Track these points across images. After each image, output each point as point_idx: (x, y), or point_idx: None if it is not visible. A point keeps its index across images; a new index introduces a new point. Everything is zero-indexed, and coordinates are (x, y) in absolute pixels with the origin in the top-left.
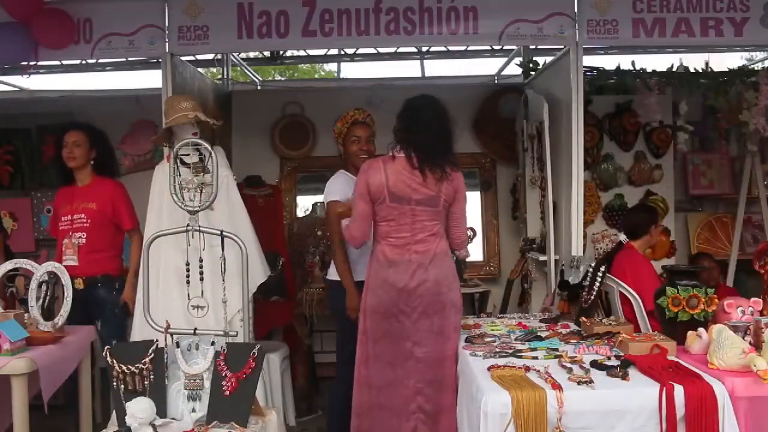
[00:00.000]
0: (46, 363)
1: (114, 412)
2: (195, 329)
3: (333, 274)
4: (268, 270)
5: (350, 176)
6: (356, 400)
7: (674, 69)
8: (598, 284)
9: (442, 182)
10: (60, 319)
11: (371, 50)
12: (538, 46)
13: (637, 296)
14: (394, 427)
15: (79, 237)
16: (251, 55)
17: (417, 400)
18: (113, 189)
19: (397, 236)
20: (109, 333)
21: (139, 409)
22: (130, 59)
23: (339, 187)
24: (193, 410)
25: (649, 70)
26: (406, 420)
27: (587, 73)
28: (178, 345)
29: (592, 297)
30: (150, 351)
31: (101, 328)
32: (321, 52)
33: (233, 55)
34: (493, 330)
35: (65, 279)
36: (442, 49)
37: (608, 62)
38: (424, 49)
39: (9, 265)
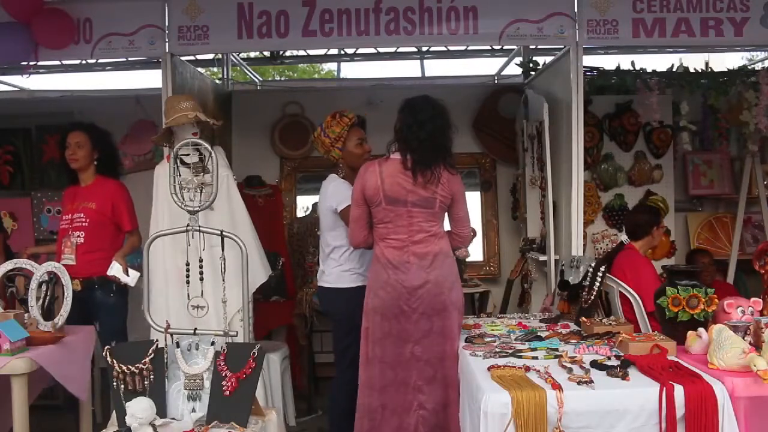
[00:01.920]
0: (53, 362)
1: (114, 412)
2: (195, 329)
3: (329, 281)
4: (269, 270)
5: (344, 180)
6: (360, 401)
7: (674, 69)
8: (598, 284)
9: (435, 185)
10: (60, 319)
11: (371, 50)
12: (538, 46)
13: (637, 296)
14: (397, 425)
15: (77, 236)
16: (251, 55)
17: (419, 397)
18: (114, 189)
19: (396, 238)
20: (107, 335)
21: (139, 409)
22: (130, 59)
23: (348, 192)
24: (193, 410)
25: (649, 70)
26: (408, 417)
27: (587, 73)
28: (178, 345)
29: (592, 297)
30: (150, 351)
31: (99, 329)
32: (321, 51)
33: (233, 55)
34: (493, 330)
35: (65, 279)
36: (442, 49)
37: (608, 62)
38: (424, 49)
39: (9, 265)
